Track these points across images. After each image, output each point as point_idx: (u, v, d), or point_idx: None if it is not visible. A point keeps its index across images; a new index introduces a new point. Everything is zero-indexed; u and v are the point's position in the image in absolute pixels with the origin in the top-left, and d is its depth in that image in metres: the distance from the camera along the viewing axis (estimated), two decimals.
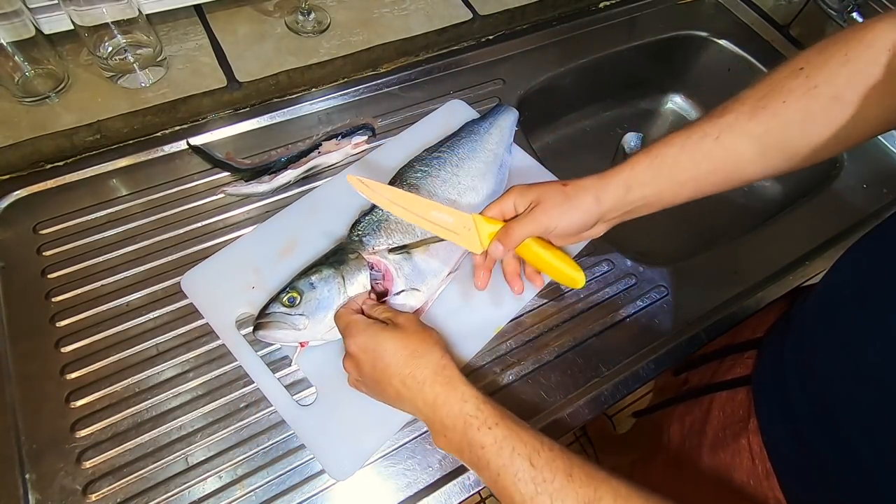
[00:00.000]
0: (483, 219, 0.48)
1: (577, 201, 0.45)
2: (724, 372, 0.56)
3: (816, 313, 0.44)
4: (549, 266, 0.48)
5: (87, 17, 0.56)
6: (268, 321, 0.46)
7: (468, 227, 0.48)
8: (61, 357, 0.48)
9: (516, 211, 0.48)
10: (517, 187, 0.48)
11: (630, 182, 0.45)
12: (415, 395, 0.40)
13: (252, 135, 0.64)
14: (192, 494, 0.43)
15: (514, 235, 0.46)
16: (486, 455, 0.36)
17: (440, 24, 0.74)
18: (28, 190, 0.57)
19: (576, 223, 0.46)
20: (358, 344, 0.42)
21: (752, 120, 0.42)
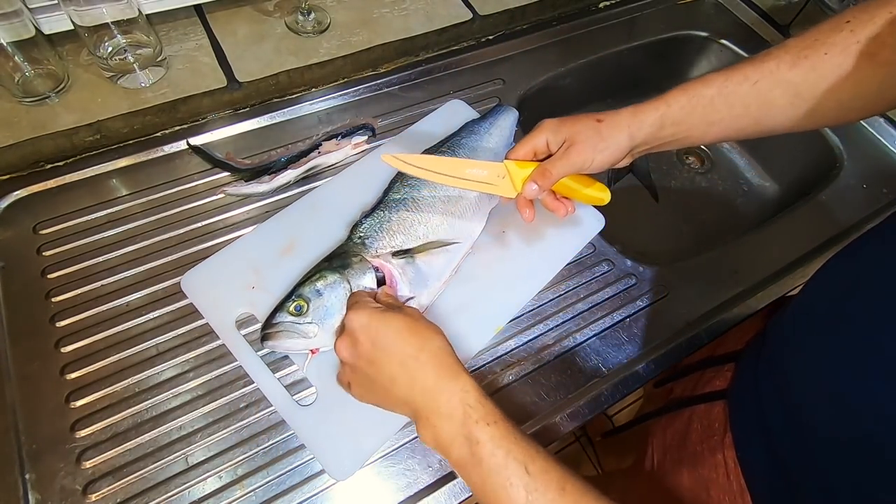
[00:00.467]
0: (515, 164, 0.48)
1: (612, 140, 0.45)
2: (703, 384, 0.57)
3: (788, 333, 0.45)
4: (578, 193, 0.49)
5: (87, 17, 0.56)
6: (276, 331, 0.46)
7: (502, 176, 0.48)
8: (61, 357, 0.48)
9: (549, 148, 0.47)
10: (549, 123, 0.47)
11: (664, 120, 0.45)
12: (413, 378, 0.37)
13: (252, 135, 0.64)
14: (192, 494, 0.43)
15: (551, 177, 0.46)
16: (481, 452, 0.34)
17: (440, 24, 0.74)
18: (28, 190, 0.57)
19: (608, 160, 0.46)
20: (361, 321, 0.39)
21: (792, 69, 0.42)
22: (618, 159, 0.47)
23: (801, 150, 0.79)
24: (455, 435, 0.35)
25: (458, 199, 0.56)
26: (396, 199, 0.54)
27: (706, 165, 0.89)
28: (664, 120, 0.45)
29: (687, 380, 0.61)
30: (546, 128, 0.47)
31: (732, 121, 0.45)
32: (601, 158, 0.46)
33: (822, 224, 0.65)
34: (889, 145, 0.74)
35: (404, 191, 0.55)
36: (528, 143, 0.48)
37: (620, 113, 0.46)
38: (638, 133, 0.46)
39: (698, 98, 0.45)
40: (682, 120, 0.45)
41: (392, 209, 0.54)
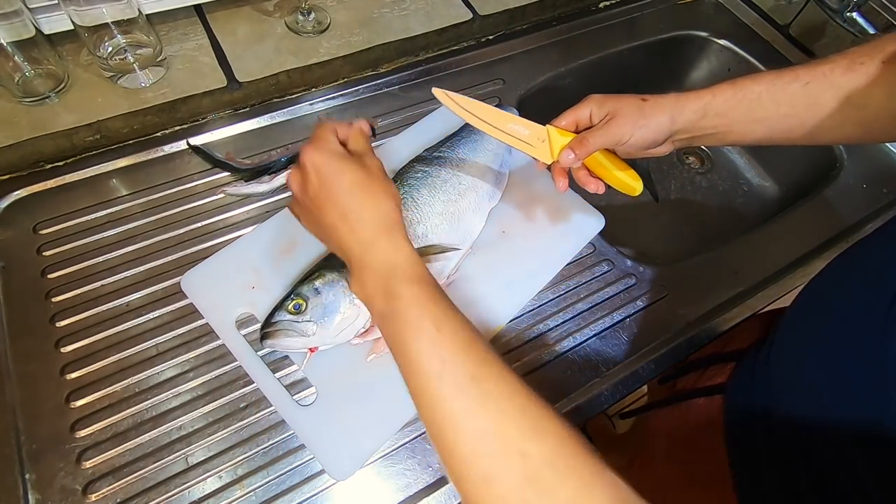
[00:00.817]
0: (557, 131, 0.48)
1: (653, 119, 0.45)
2: (705, 380, 0.57)
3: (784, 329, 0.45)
4: (611, 174, 0.48)
5: (87, 17, 0.56)
6: (275, 329, 0.46)
7: (542, 139, 0.48)
8: (61, 357, 0.48)
9: (591, 121, 0.47)
10: (596, 97, 0.47)
11: (708, 109, 0.45)
12: (352, 230, 0.37)
13: (252, 135, 0.64)
14: (192, 494, 0.43)
15: (588, 146, 0.46)
16: (398, 306, 0.35)
17: (440, 24, 0.74)
18: (28, 190, 0.57)
19: (647, 140, 0.46)
20: (315, 160, 0.38)
21: (846, 73, 0.41)
22: (656, 140, 0.46)
23: (801, 150, 0.79)
24: (378, 288, 0.36)
25: (457, 199, 0.56)
26: None
27: (706, 165, 0.89)
28: (708, 109, 0.45)
29: (691, 375, 0.61)
30: (591, 101, 0.47)
31: (778, 120, 0.44)
32: (640, 135, 0.45)
33: (822, 224, 0.65)
34: (889, 145, 0.74)
35: (403, 190, 0.55)
36: (571, 114, 0.48)
37: (665, 96, 0.46)
38: (679, 117, 0.45)
39: (745, 92, 0.44)
40: (726, 112, 0.45)
41: None
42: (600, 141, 0.46)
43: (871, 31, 0.71)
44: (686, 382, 0.61)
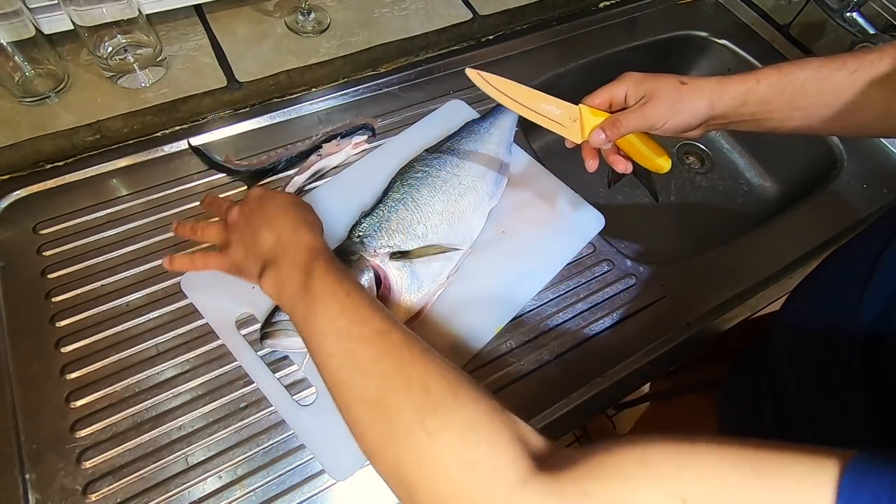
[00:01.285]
0: (590, 110, 0.47)
1: (691, 103, 0.44)
2: (701, 376, 0.57)
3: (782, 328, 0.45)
4: (639, 153, 0.48)
5: (87, 17, 0.56)
6: (275, 329, 0.46)
7: (574, 119, 0.48)
8: (61, 357, 0.48)
9: (626, 101, 0.46)
10: (632, 75, 0.46)
11: (749, 96, 0.44)
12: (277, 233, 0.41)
13: (252, 135, 0.64)
14: (192, 494, 0.43)
15: (621, 128, 0.45)
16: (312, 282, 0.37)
17: (440, 24, 0.74)
18: (28, 190, 0.57)
19: (681, 125, 0.45)
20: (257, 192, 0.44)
21: (894, 65, 0.40)
22: (691, 125, 0.45)
23: (801, 150, 0.79)
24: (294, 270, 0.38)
25: (457, 199, 0.56)
26: (396, 199, 0.54)
27: (706, 165, 0.89)
28: (749, 96, 0.44)
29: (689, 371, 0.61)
30: (628, 79, 0.46)
31: (819, 108, 0.43)
32: (676, 120, 0.44)
33: (822, 224, 0.65)
34: (889, 145, 0.74)
35: (404, 190, 0.55)
36: (606, 91, 0.47)
37: (706, 80, 0.45)
38: (718, 103, 0.44)
39: (790, 79, 0.43)
40: (769, 100, 0.43)
41: (391, 208, 0.54)
42: (634, 124, 0.45)
43: (871, 30, 0.71)
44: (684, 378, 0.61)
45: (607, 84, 0.47)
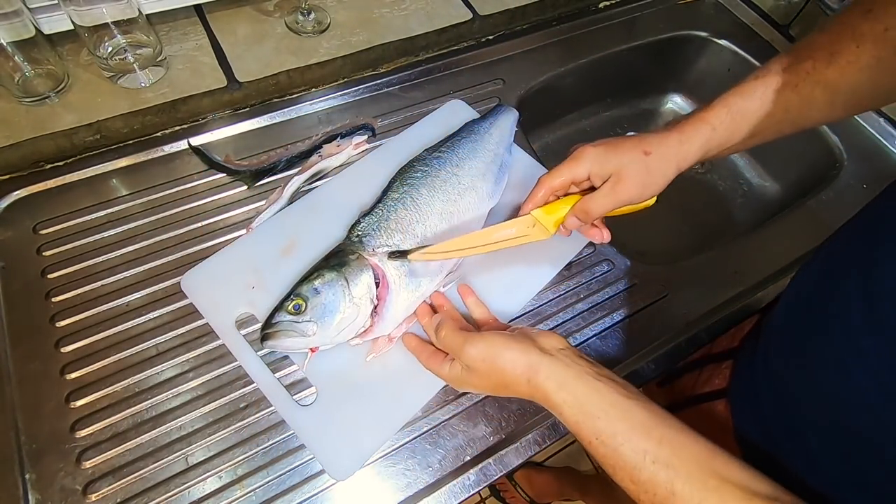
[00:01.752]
0: (542, 212, 0.48)
1: (659, 175, 0.44)
2: (702, 384, 0.56)
3: (779, 325, 0.45)
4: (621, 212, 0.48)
5: (87, 17, 0.56)
6: (275, 330, 0.45)
7: (532, 225, 0.49)
8: (61, 357, 0.48)
9: (590, 179, 0.46)
10: (591, 152, 0.45)
11: (710, 144, 0.44)
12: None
13: (252, 135, 0.64)
14: (192, 494, 0.43)
15: (594, 213, 0.45)
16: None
17: (440, 24, 0.74)
18: (28, 190, 0.57)
19: (653, 194, 0.46)
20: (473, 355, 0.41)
21: (828, 67, 0.41)
22: (662, 190, 0.46)
23: (801, 150, 0.79)
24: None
25: (457, 199, 0.56)
26: (395, 199, 0.54)
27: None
28: (710, 144, 0.44)
29: (686, 378, 0.61)
30: (589, 157, 0.45)
31: (770, 127, 0.44)
32: (648, 193, 0.45)
33: (823, 224, 0.65)
34: (889, 145, 0.74)
35: (403, 190, 0.55)
36: (566, 172, 0.46)
37: (667, 141, 0.44)
38: (684, 164, 0.45)
39: (742, 115, 0.43)
40: (727, 140, 0.44)
41: (390, 208, 0.54)
42: (607, 208, 0.45)
43: None
44: (684, 386, 0.60)
45: (566, 162, 0.46)
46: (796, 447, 0.40)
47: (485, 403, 0.49)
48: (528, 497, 1.16)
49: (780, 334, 0.44)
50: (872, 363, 0.32)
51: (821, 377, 0.37)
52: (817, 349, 0.38)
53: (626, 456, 0.34)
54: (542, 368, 0.38)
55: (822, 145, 0.75)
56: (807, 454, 0.39)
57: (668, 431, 0.34)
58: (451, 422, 0.48)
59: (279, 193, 0.57)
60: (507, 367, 0.39)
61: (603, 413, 0.35)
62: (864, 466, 0.34)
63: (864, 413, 0.33)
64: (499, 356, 0.39)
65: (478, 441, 0.48)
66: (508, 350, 0.39)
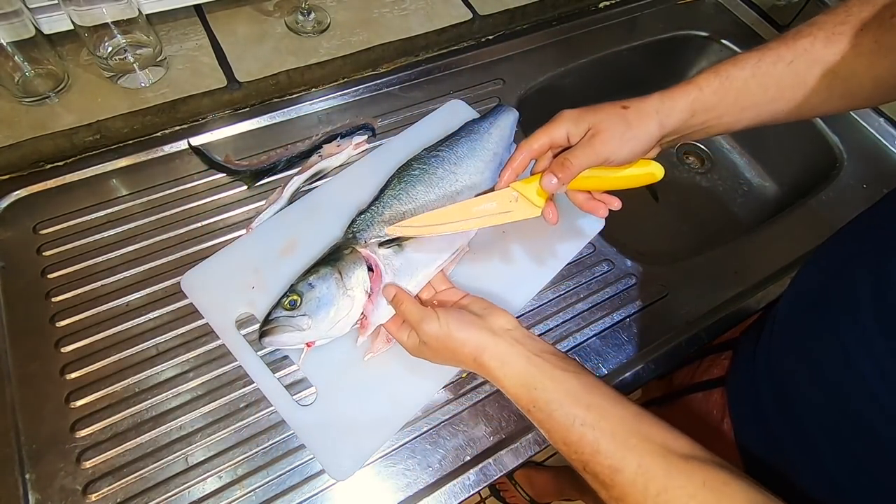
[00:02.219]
0: (522, 183, 0.46)
1: (640, 129, 0.42)
2: (701, 373, 0.56)
3: (783, 319, 0.45)
4: (616, 180, 0.45)
5: (87, 17, 0.56)
6: (272, 327, 0.46)
7: (515, 199, 0.46)
8: (61, 357, 0.48)
9: (569, 140, 0.44)
10: (569, 113, 0.44)
11: (696, 106, 0.43)
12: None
13: (252, 135, 0.64)
14: (192, 494, 0.43)
15: (572, 167, 0.42)
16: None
17: (440, 24, 0.74)
18: (28, 190, 0.57)
19: (637, 151, 0.43)
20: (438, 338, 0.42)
21: (826, 47, 0.40)
22: (647, 149, 0.43)
23: (801, 150, 0.79)
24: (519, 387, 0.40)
25: (454, 197, 0.56)
26: (391, 195, 0.54)
27: (706, 165, 0.89)
28: (695, 105, 0.43)
29: (686, 369, 0.61)
30: (566, 118, 0.44)
31: (767, 105, 0.42)
32: (629, 148, 0.42)
33: (823, 224, 0.65)
34: (889, 145, 0.74)
35: (399, 187, 0.55)
36: (544, 134, 0.45)
37: (648, 99, 0.43)
38: (668, 120, 0.43)
39: (731, 80, 0.42)
40: (715, 105, 0.43)
41: (386, 204, 0.54)
42: (585, 161, 0.42)
43: None
44: (682, 377, 0.60)
45: (542, 127, 0.45)
46: (797, 439, 0.40)
47: (485, 404, 0.49)
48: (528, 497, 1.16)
49: (783, 329, 0.44)
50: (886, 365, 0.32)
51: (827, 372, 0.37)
52: (824, 346, 0.37)
53: (558, 420, 0.37)
54: (489, 348, 0.41)
55: (822, 145, 0.75)
56: (808, 446, 0.39)
57: (597, 399, 0.37)
58: (451, 422, 0.48)
59: (279, 193, 0.57)
60: (457, 346, 0.41)
61: (540, 384, 0.38)
62: (868, 458, 0.34)
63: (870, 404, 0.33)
64: (450, 337, 0.42)
65: (478, 441, 0.48)
66: (459, 332, 0.42)
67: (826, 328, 0.37)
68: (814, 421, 0.38)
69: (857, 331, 0.34)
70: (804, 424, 0.40)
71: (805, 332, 0.40)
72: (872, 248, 0.36)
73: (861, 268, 0.35)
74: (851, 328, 0.34)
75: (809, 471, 0.39)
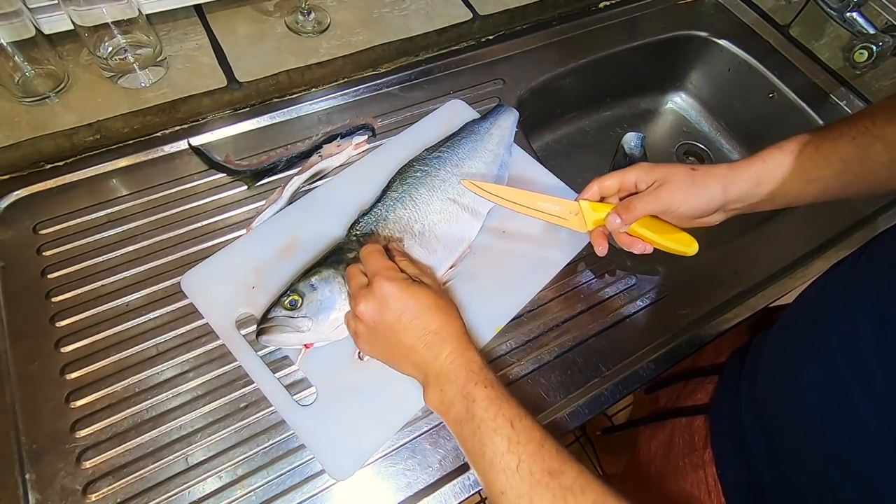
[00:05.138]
0: (590, 205, 0.49)
1: (705, 187, 0.45)
2: (685, 396, 0.57)
3: (772, 354, 0.44)
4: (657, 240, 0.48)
5: (87, 17, 0.56)
6: (270, 325, 0.46)
7: (574, 213, 0.50)
8: (61, 357, 0.48)
9: (637, 187, 0.48)
10: (643, 164, 0.47)
11: (760, 176, 0.45)
12: (428, 347, 0.41)
13: (252, 135, 0.64)
14: (192, 494, 0.43)
15: (636, 211, 0.46)
16: (475, 408, 0.38)
17: (440, 24, 0.74)
18: (28, 190, 0.57)
19: (699, 208, 0.46)
20: (393, 291, 0.42)
21: (889, 125, 0.41)
22: (709, 210, 0.46)
23: None
24: (456, 394, 0.39)
25: (456, 199, 0.56)
26: (394, 198, 0.55)
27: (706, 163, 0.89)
28: (760, 176, 0.45)
29: (671, 389, 0.61)
30: (639, 167, 0.47)
31: (833, 178, 0.44)
32: (691, 203, 0.45)
33: (822, 224, 0.65)
34: None
35: (402, 189, 0.55)
36: (616, 176, 0.48)
37: (716, 166, 0.46)
38: (732, 187, 0.45)
39: (795, 154, 0.44)
40: (779, 176, 0.45)
41: (389, 207, 0.54)
42: (649, 207, 0.46)
43: (870, 30, 0.71)
44: (668, 397, 0.60)
45: (619, 170, 0.48)
46: (778, 474, 0.40)
47: None
48: None
49: (771, 364, 0.44)
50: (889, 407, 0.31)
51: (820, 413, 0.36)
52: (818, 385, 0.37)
53: None
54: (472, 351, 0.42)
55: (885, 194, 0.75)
56: (792, 487, 0.39)
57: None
58: None
59: (279, 193, 0.57)
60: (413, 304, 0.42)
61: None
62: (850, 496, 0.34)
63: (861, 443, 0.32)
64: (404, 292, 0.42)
65: None
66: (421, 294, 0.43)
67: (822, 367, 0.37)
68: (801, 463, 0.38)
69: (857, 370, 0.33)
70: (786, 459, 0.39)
71: (797, 370, 0.40)
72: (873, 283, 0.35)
73: (862, 300, 0.35)
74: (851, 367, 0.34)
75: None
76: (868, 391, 0.32)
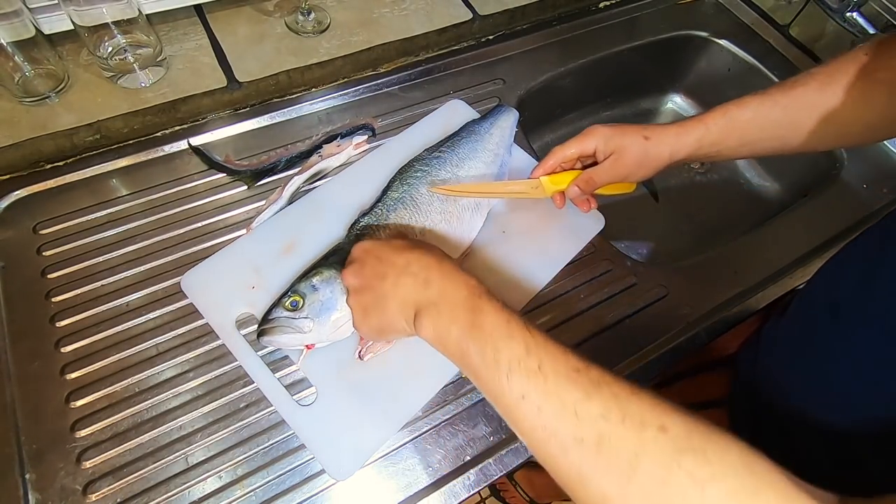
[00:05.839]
0: (548, 178, 0.55)
1: (655, 159, 0.50)
2: (696, 392, 0.56)
3: (789, 331, 0.44)
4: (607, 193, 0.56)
5: (87, 17, 0.56)
6: (272, 326, 0.46)
7: (535, 187, 0.56)
8: (61, 357, 0.48)
9: (595, 155, 0.53)
10: (601, 130, 0.52)
11: (703, 141, 0.50)
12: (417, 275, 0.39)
13: (252, 135, 0.64)
14: (192, 494, 0.43)
15: (594, 184, 0.53)
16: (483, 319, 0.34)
17: (440, 24, 0.74)
18: (28, 190, 0.57)
19: (646, 174, 0.52)
20: (364, 246, 0.44)
21: (818, 93, 0.45)
22: (657, 172, 0.52)
23: None
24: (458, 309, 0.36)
25: (456, 199, 0.56)
26: (395, 198, 0.54)
27: (706, 165, 0.89)
28: (703, 141, 0.50)
29: (682, 385, 0.60)
30: (598, 134, 0.52)
31: (763, 142, 0.49)
32: (643, 172, 0.51)
33: (822, 224, 0.65)
34: (889, 145, 0.74)
35: (403, 189, 0.55)
36: (577, 144, 0.52)
37: (666, 131, 0.50)
38: (678, 153, 0.50)
39: (735, 121, 0.49)
40: (719, 141, 0.49)
41: (390, 207, 0.54)
42: (606, 179, 0.52)
43: (871, 30, 0.71)
44: (679, 395, 0.60)
45: (578, 136, 0.53)
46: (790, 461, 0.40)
47: (485, 404, 0.49)
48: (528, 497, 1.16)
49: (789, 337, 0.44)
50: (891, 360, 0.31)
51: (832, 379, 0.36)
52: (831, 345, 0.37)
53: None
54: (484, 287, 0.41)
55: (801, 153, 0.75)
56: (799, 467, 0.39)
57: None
58: (451, 422, 0.48)
59: (279, 193, 0.57)
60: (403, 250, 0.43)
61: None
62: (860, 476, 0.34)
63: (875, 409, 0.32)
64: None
65: (478, 441, 0.48)
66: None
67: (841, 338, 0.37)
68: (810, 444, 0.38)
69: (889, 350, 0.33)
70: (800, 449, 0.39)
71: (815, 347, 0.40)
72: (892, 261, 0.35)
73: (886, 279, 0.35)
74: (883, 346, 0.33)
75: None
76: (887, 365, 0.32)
